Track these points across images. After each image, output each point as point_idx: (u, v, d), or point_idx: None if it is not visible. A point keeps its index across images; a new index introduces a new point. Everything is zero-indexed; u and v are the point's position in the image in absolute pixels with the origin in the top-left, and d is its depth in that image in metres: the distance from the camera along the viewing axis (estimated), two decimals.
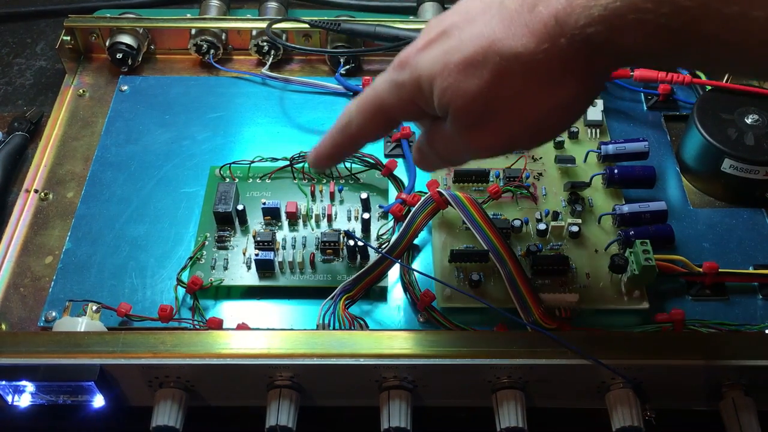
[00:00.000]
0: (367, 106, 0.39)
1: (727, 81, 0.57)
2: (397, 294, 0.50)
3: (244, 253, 0.51)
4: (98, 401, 0.43)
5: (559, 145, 0.56)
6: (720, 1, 0.28)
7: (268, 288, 0.50)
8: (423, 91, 0.35)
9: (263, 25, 0.64)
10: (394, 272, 0.50)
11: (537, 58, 0.32)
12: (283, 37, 0.65)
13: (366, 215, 0.52)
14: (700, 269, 0.48)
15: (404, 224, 0.50)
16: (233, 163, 0.55)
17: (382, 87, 0.38)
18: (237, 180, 0.55)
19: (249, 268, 0.50)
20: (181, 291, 0.49)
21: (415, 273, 0.49)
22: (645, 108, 0.62)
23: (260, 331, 0.46)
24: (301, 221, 0.53)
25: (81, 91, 0.64)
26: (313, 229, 0.52)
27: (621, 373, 0.41)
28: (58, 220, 0.55)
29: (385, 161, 0.55)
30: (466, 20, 0.34)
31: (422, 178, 0.55)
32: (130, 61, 0.64)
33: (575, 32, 0.31)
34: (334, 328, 0.46)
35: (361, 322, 0.47)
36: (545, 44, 0.32)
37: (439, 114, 0.36)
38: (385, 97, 0.38)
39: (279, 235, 0.52)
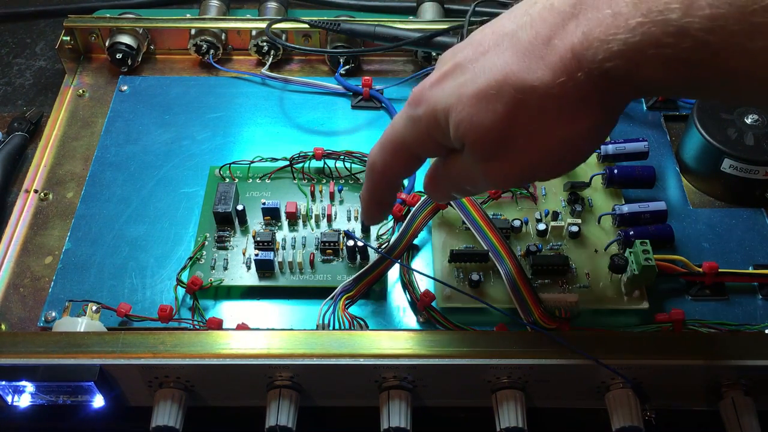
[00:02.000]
0: (387, 144, 0.39)
1: None
2: (397, 294, 0.50)
3: (243, 253, 0.51)
4: (98, 401, 0.43)
5: None
6: (744, 36, 0.27)
7: (267, 288, 0.50)
8: (439, 124, 0.35)
9: (263, 25, 0.64)
10: (394, 272, 0.50)
11: (553, 92, 0.31)
12: (283, 37, 0.65)
13: None
14: (700, 269, 0.48)
15: (404, 224, 0.50)
16: (233, 163, 0.55)
17: (399, 123, 0.38)
18: (237, 180, 0.55)
19: (249, 268, 0.50)
20: (181, 291, 0.49)
21: (415, 273, 0.49)
22: (645, 108, 0.62)
23: (260, 331, 0.46)
24: (300, 221, 0.53)
25: (81, 91, 0.64)
26: (312, 229, 0.52)
27: (621, 373, 0.41)
28: (58, 220, 0.55)
29: None
30: (479, 53, 0.34)
31: (422, 179, 0.55)
32: (129, 61, 0.64)
33: (593, 66, 0.30)
34: (333, 328, 0.46)
35: (361, 322, 0.47)
36: (562, 78, 0.31)
37: (456, 146, 0.36)
38: (403, 133, 0.38)
39: (279, 235, 0.52)
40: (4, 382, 0.42)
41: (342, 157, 0.55)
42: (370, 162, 0.40)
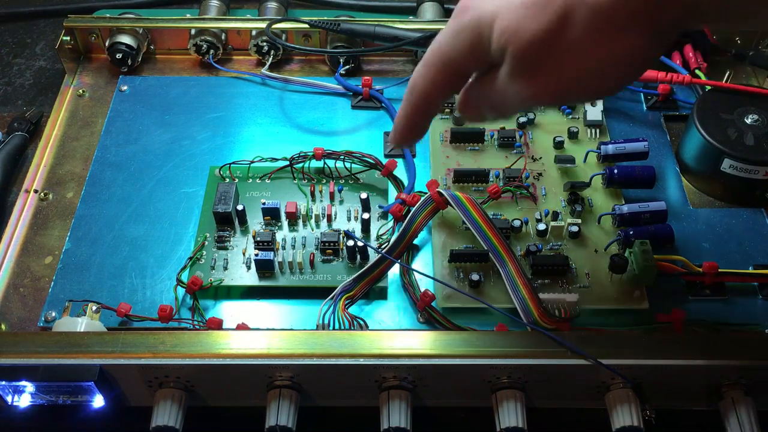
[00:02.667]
0: (429, 60, 0.38)
1: (727, 81, 0.57)
2: (397, 294, 0.50)
3: (243, 253, 0.51)
4: (98, 401, 0.43)
5: (559, 145, 0.56)
6: None
7: (267, 288, 0.50)
8: (482, 33, 0.35)
9: (263, 25, 0.64)
10: (394, 272, 0.50)
11: (603, 4, 0.31)
12: (283, 37, 0.65)
13: (366, 215, 0.52)
14: (700, 269, 0.48)
15: (404, 224, 0.50)
16: (233, 163, 0.55)
17: (443, 36, 0.37)
18: (237, 180, 0.55)
19: (249, 268, 0.50)
20: (181, 291, 0.49)
21: (415, 273, 0.49)
22: (645, 108, 0.62)
23: (260, 331, 0.46)
24: (300, 221, 0.53)
25: (81, 91, 0.64)
26: (312, 229, 0.52)
27: (621, 373, 0.41)
28: (58, 220, 0.55)
29: (384, 161, 0.55)
30: None
31: (422, 179, 0.55)
32: (129, 61, 0.64)
33: None
34: (333, 328, 0.46)
35: (361, 322, 0.47)
36: None
37: (496, 58, 0.35)
38: (445, 45, 0.37)
39: (279, 235, 0.52)
40: (4, 382, 0.42)
41: (342, 157, 0.55)
42: (411, 83, 0.40)
